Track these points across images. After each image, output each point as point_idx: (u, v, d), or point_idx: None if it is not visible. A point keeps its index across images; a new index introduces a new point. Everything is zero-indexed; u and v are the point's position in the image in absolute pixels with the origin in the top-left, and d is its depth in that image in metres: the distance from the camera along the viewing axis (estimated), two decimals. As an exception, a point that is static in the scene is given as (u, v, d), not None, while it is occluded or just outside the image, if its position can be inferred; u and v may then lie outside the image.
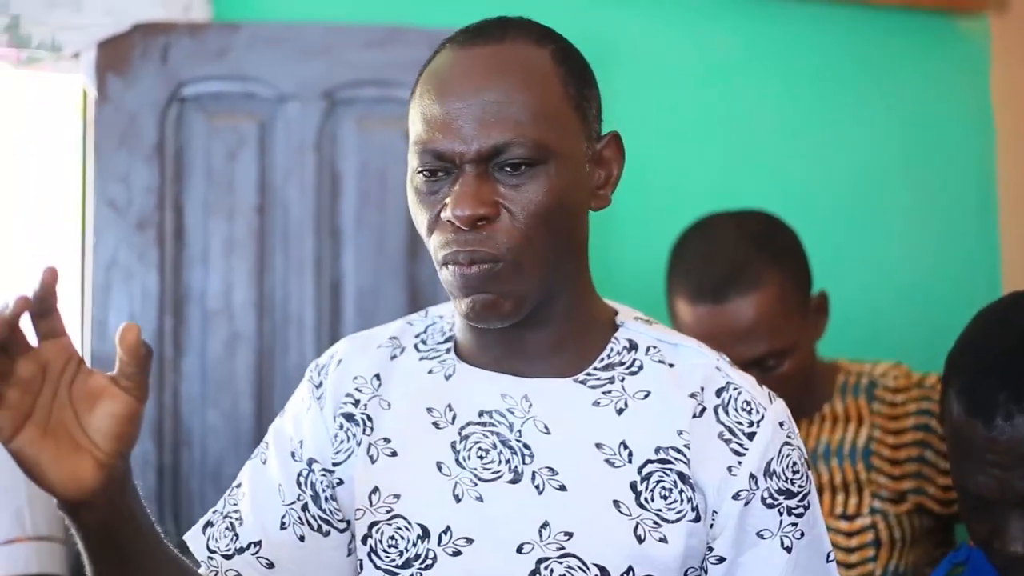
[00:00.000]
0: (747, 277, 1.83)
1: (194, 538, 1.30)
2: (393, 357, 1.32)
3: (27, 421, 0.98)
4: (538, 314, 1.22)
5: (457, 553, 1.21)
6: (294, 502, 1.29)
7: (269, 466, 1.32)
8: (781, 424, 1.23)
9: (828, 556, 1.26)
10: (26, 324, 0.98)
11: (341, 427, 1.30)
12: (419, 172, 1.19)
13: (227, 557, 1.27)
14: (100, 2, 2.28)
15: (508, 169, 1.16)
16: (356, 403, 1.30)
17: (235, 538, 1.28)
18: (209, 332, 2.31)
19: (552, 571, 1.19)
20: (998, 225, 2.87)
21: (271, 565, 1.27)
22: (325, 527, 1.29)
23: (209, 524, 1.31)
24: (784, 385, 1.68)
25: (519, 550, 1.20)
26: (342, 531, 1.30)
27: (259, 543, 1.27)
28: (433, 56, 1.24)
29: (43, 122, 2.52)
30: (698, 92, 2.70)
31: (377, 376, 1.31)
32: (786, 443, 1.23)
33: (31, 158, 2.55)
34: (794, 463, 1.23)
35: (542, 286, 1.20)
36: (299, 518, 1.28)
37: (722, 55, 2.71)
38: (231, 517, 1.29)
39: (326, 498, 1.29)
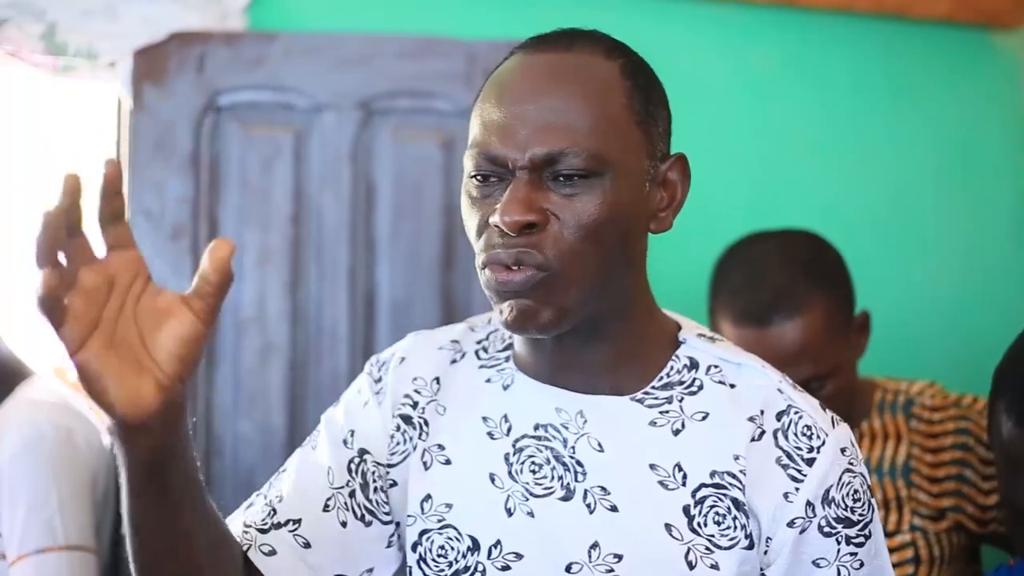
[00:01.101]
0: (792, 302, 1.81)
1: (233, 520, 1.26)
2: (453, 362, 1.30)
3: (93, 333, 0.93)
4: (594, 331, 1.20)
5: (506, 568, 1.20)
6: (342, 487, 1.26)
7: (319, 451, 1.29)
8: (843, 450, 1.19)
9: None
10: (94, 234, 0.95)
11: (398, 428, 1.28)
12: (472, 176, 1.17)
13: (262, 531, 1.23)
14: (137, 11, 2.28)
15: (562, 179, 1.13)
16: (415, 405, 1.28)
17: (273, 513, 1.24)
18: (242, 342, 2.31)
19: None
20: (1032, 242, 2.85)
21: (308, 545, 1.23)
22: (369, 517, 1.27)
23: (250, 505, 1.28)
24: (827, 406, 1.67)
25: (568, 569, 1.18)
26: (385, 523, 1.27)
27: (299, 521, 1.23)
28: (502, 62, 1.21)
29: (78, 130, 2.53)
30: (733, 107, 2.69)
31: (437, 379, 1.29)
32: (848, 470, 1.19)
33: (66, 167, 2.55)
34: (855, 491, 1.19)
35: (588, 302, 1.16)
36: (345, 503, 1.25)
37: (757, 70, 2.70)
38: (270, 497, 1.26)
39: (375, 488, 1.27)
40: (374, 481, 1.27)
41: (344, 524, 1.25)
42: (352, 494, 1.26)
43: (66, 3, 2.25)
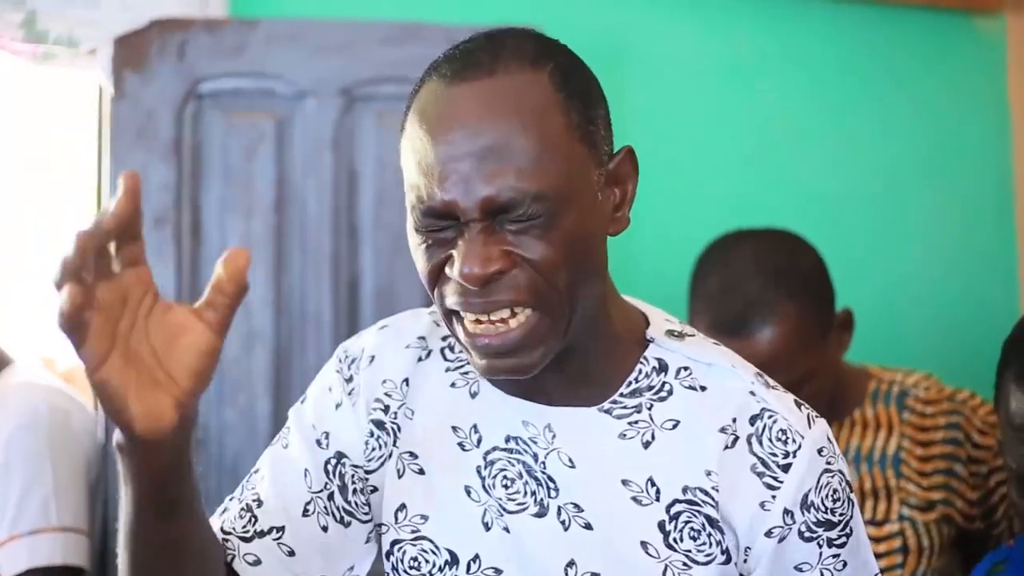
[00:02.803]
0: (765, 313, 1.82)
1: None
2: (419, 360, 1.26)
3: (112, 350, 0.91)
4: (563, 351, 1.15)
5: None
6: (320, 491, 1.23)
7: (292, 450, 1.25)
8: (820, 451, 1.16)
9: None
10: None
11: (372, 434, 1.24)
12: (417, 227, 1.11)
13: (245, 540, 1.20)
14: (117, -2, 2.27)
15: (518, 219, 1.07)
16: (386, 410, 1.25)
17: (253, 520, 1.21)
18: (226, 330, 2.30)
19: None
20: (1015, 224, 2.86)
21: (292, 553, 1.20)
22: (348, 518, 1.24)
23: (225, 510, 1.25)
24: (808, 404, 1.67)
25: None
26: (364, 523, 1.25)
27: (282, 528, 1.21)
28: (420, 86, 1.13)
29: (59, 118, 2.51)
30: (715, 92, 2.69)
31: (406, 381, 1.25)
32: (825, 470, 1.15)
33: (47, 154, 2.54)
34: (834, 491, 1.16)
35: (568, 329, 1.12)
36: (324, 508, 1.23)
37: (739, 54, 2.70)
38: (248, 501, 1.22)
39: (354, 491, 1.24)
40: (353, 483, 1.24)
41: (325, 529, 1.23)
42: (331, 496, 1.23)
43: (46, -10, 2.24)
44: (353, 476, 1.24)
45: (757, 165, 2.69)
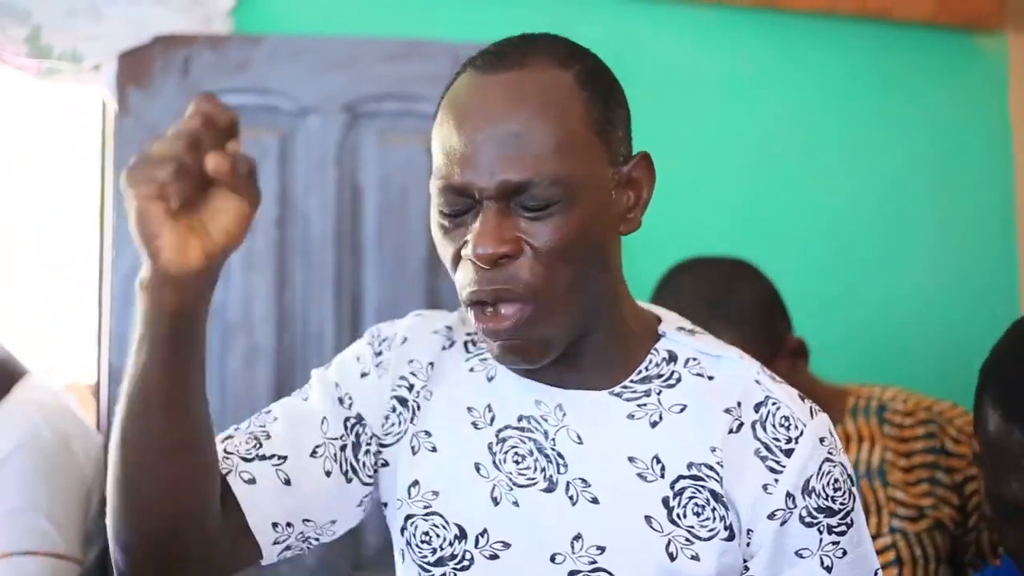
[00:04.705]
0: None
1: None
2: (444, 348, 1.31)
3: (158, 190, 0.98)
4: (574, 344, 1.21)
5: (494, 556, 1.21)
6: (336, 438, 1.25)
7: (312, 402, 1.27)
8: (822, 440, 1.20)
9: (876, 574, 1.23)
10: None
11: (394, 409, 1.28)
12: (440, 209, 1.17)
13: (245, 460, 1.20)
14: (121, 14, 2.28)
15: (530, 206, 1.14)
16: (410, 388, 1.28)
17: (258, 446, 1.21)
18: (228, 346, 2.30)
19: None
20: (1017, 240, 2.87)
21: (288, 482, 1.21)
22: (351, 475, 1.25)
23: (229, 437, 1.23)
24: None
25: (552, 559, 1.20)
26: (365, 484, 1.26)
27: (284, 457, 1.21)
28: (455, 79, 1.21)
29: (63, 134, 2.52)
30: (718, 107, 2.70)
31: (431, 364, 1.29)
32: (827, 459, 1.19)
33: (51, 170, 2.55)
34: (835, 479, 1.19)
35: (573, 323, 1.18)
36: (334, 455, 1.24)
37: (741, 72, 2.71)
38: (255, 432, 1.23)
39: (366, 451, 1.26)
40: (366, 445, 1.26)
41: (328, 473, 1.24)
42: (343, 448, 1.25)
43: (51, 6, 2.24)
44: (369, 440, 1.27)
45: (759, 180, 2.70)
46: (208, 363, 2.23)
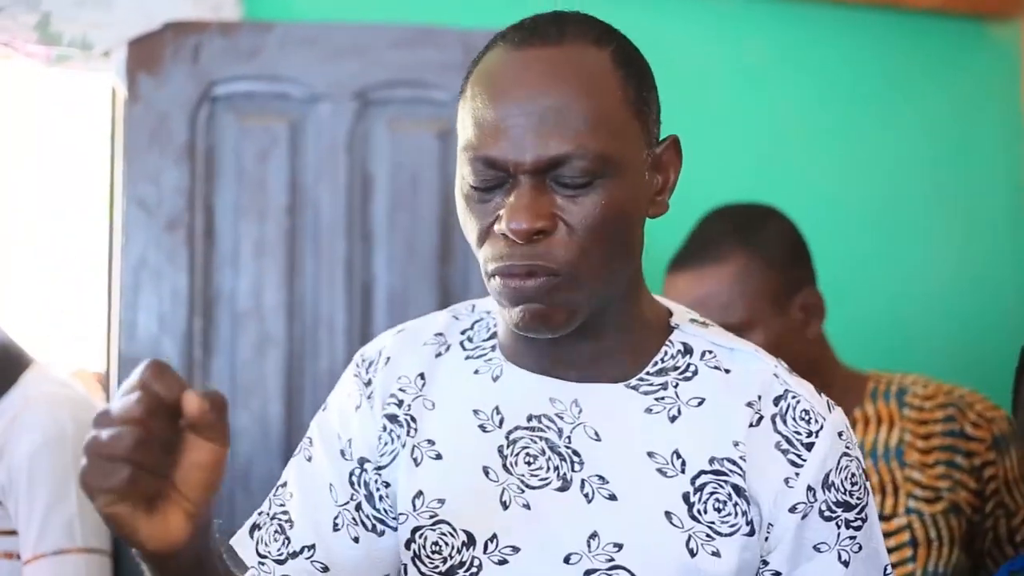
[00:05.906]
0: (713, 252, 1.90)
1: (242, 543, 1.25)
2: (438, 355, 1.28)
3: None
4: (591, 322, 1.19)
5: (503, 562, 1.18)
6: (347, 502, 1.25)
7: (317, 464, 1.27)
8: (840, 434, 1.19)
9: (886, 569, 1.23)
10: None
11: (384, 428, 1.25)
12: (470, 182, 1.15)
13: (279, 562, 1.22)
14: (131, 0, 2.27)
15: (567, 182, 1.12)
16: (400, 404, 1.26)
17: (287, 542, 1.23)
18: (239, 334, 2.30)
19: None
20: (1027, 231, 2.86)
21: (326, 569, 1.23)
22: (380, 527, 1.25)
23: (256, 527, 1.26)
24: None
25: (567, 560, 1.17)
26: (396, 529, 1.25)
27: (312, 546, 1.23)
28: (484, 53, 1.18)
29: (73, 121, 2.52)
30: (726, 98, 2.68)
31: (421, 376, 1.27)
32: (845, 454, 1.19)
33: (60, 157, 2.55)
34: (852, 474, 1.19)
35: (597, 297, 1.16)
36: (353, 519, 1.24)
37: (750, 61, 2.70)
38: (279, 519, 1.25)
39: (380, 497, 1.25)
40: (377, 490, 1.25)
41: (356, 540, 1.24)
42: (359, 507, 1.25)
43: (60, -8, 2.24)
44: (376, 482, 1.25)
45: (767, 171, 2.69)
46: (218, 351, 2.28)
